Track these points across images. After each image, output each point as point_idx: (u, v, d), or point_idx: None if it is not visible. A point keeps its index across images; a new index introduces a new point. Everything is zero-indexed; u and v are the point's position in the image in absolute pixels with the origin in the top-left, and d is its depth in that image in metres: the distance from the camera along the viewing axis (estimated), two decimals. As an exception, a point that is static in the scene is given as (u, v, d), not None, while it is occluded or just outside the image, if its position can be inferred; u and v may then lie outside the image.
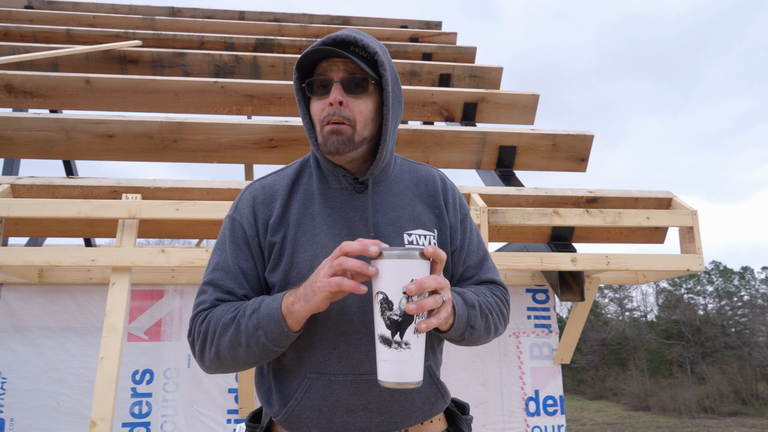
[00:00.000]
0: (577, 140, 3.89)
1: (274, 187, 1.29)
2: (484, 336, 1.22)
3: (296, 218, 1.23)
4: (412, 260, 0.98)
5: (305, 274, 1.15)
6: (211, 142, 3.57)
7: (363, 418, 1.16)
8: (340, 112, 1.17)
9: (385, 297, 0.98)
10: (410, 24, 7.32)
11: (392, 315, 0.97)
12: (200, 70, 5.00)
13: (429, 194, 1.33)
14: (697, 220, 3.00)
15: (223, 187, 2.86)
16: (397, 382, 0.97)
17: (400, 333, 0.97)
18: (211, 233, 3.06)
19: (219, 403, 3.18)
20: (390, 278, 0.98)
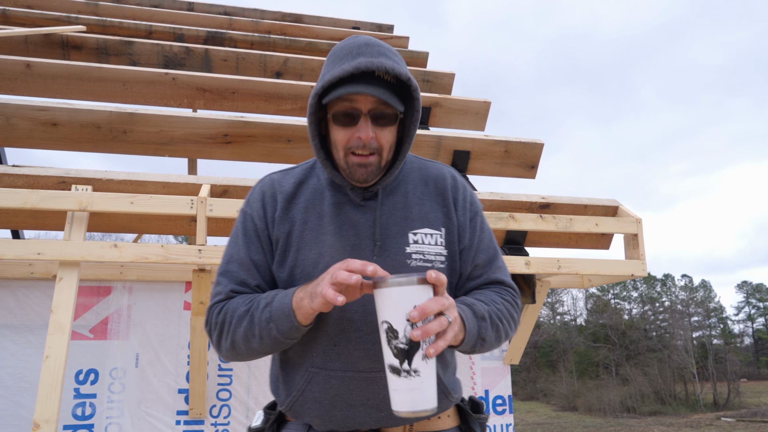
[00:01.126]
0: (528, 147, 4.01)
1: (282, 182, 1.31)
2: (495, 345, 1.23)
3: (303, 216, 1.25)
4: (411, 287, 0.97)
5: (310, 271, 1.19)
6: (163, 134, 3.46)
7: (362, 412, 1.18)
8: (370, 145, 1.19)
9: (390, 326, 0.97)
10: (362, 26, 7.33)
11: (398, 344, 0.96)
12: (148, 60, 4.82)
13: (438, 192, 1.33)
14: (642, 227, 3.17)
15: (179, 182, 2.77)
16: (411, 411, 0.96)
17: (408, 361, 0.96)
18: (166, 228, 2.96)
19: (168, 403, 3.07)
20: (392, 306, 0.97)
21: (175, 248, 2.61)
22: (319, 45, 5.79)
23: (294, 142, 3.67)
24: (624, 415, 39.78)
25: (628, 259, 3.17)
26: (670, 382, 48.15)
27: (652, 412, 40.99)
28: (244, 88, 4.21)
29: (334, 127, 1.21)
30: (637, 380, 46.95)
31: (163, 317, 3.19)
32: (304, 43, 5.77)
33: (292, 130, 3.60)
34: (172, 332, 3.19)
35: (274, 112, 4.24)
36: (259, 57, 4.88)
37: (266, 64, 4.91)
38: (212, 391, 3.17)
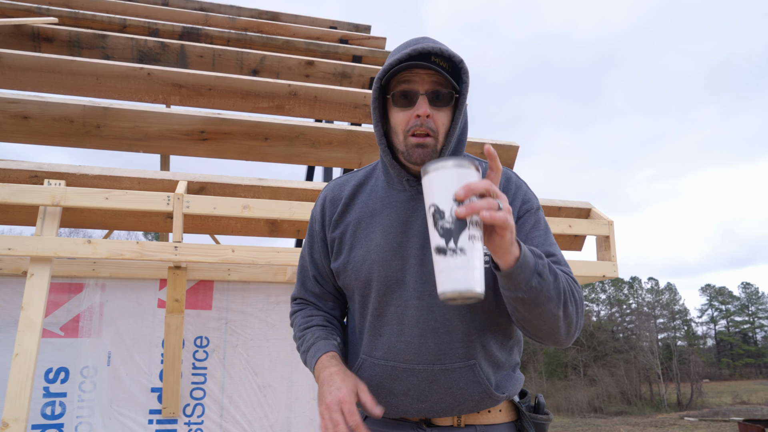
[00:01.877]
0: (503, 150, 4.07)
1: (343, 186, 1.41)
2: (554, 298, 1.09)
3: (357, 216, 1.34)
4: (459, 169, 0.96)
5: (359, 267, 1.29)
6: (138, 130, 3.41)
7: (404, 402, 1.24)
8: (427, 124, 1.21)
9: (437, 208, 0.97)
10: (339, 25, 7.33)
11: (444, 224, 0.96)
12: (122, 54, 4.75)
13: None
14: (613, 229, 3.24)
15: (155, 177, 2.74)
16: (455, 290, 0.94)
17: (453, 240, 0.95)
18: (141, 224, 2.92)
19: (140, 402, 3.03)
20: (441, 189, 0.97)
21: (151, 245, 2.58)
22: (296, 44, 5.77)
23: (271, 140, 3.65)
24: (591, 415, 40.48)
25: (600, 261, 3.24)
26: (636, 383, 49.18)
27: (618, 412, 41.79)
28: (221, 85, 4.18)
29: (394, 110, 1.25)
30: (604, 381, 47.84)
31: (136, 315, 3.15)
32: (281, 42, 5.75)
33: (269, 128, 3.59)
34: (145, 330, 3.14)
35: (251, 109, 4.21)
36: (236, 54, 4.85)
37: (243, 62, 4.88)
38: (186, 389, 3.13)
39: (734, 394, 47.62)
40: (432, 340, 1.21)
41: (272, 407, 3.25)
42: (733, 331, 75.64)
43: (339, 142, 3.79)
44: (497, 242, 0.99)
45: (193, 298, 3.24)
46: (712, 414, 35.27)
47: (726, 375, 68.57)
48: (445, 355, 1.21)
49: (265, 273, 3.31)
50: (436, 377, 1.21)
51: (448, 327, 1.22)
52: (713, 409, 39.92)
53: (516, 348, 1.35)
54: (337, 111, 4.47)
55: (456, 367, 1.21)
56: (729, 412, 35.50)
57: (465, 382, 1.22)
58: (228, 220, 3.19)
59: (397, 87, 1.24)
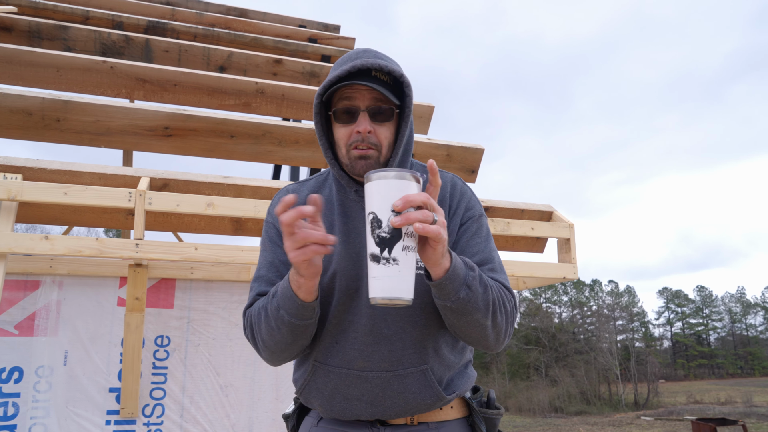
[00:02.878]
0: (469, 152, 4.12)
1: (298, 192, 1.41)
2: (482, 309, 1.14)
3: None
4: (400, 180, 1.00)
5: (321, 277, 1.25)
6: (100, 124, 3.34)
7: (358, 406, 1.26)
8: (368, 140, 1.24)
9: (375, 216, 1.00)
10: (309, 24, 7.30)
11: (381, 232, 0.99)
12: (85, 46, 4.64)
13: (440, 198, 1.35)
14: (574, 232, 3.32)
15: (117, 173, 2.69)
16: (384, 297, 0.99)
17: (388, 249, 0.99)
18: (101, 221, 2.86)
19: (98, 403, 2.97)
20: (380, 198, 1.00)
21: (111, 242, 2.53)
22: (264, 41, 5.73)
23: (237, 138, 3.62)
24: (552, 414, 41.21)
25: (560, 263, 3.31)
26: (595, 383, 50.31)
27: (578, 412, 42.67)
28: (187, 81, 4.12)
29: (336, 125, 1.28)
30: (564, 381, 48.77)
31: (95, 313, 3.08)
32: (249, 39, 5.70)
33: (235, 125, 3.55)
34: (104, 329, 3.08)
35: (217, 106, 4.17)
36: (203, 50, 4.79)
37: (209, 58, 4.83)
38: (145, 389, 3.08)
39: (688, 393, 49.16)
40: (385, 347, 1.24)
41: (234, 407, 3.22)
42: (688, 332, 78.10)
43: (306, 141, 3.78)
44: (429, 254, 1.03)
45: (155, 296, 3.18)
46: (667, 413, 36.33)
47: (681, 375, 70.73)
48: (399, 362, 1.24)
49: (229, 272, 3.28)
50: (389, 383, 1.24)
51: (402, 334, 1.25)
52: (668, 408, 41.13)
53: (467, 347, 1.38)
54: (304, 110, 4.45)
55: (408, 373, 1.24)
56: (683, 411, 36.63)
57: (417, 387, 1.25)
58: (191, 218, 3.15)
59: (338, 103, 1.27)
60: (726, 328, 79.37)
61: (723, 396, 45.23)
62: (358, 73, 1.25)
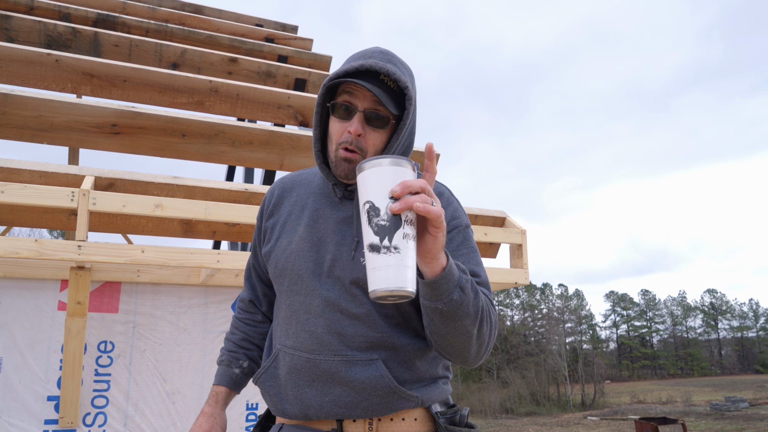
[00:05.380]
0: (424, 156, 4.13)
1: (286, 179, 1.47)
2: (471, 315, 1.11)
3: (289, 209, 1.39)
4: (396, 167, 0.96)
5: (280, 257, 1.33)
6: (43, 120, 3.19)
7: (309, 395, 1.23)
8: (357, 143, 1.23)
9: (372, 204, 0.96)
10: (266, 24, 7.20)
11: (379, 221, 0.95)
12: (28, 38, 4.43)
13: None
14: (526, 238, 3.37)
15: (59, 171, 2.58)
16: (387, 288, 0.93)
17: (388, 238, 0.94)
18: (42, 221, 2.73)
19: (35, 412, 2.82)
20: (376, 185, 0.96)
21: (52, 243, 2.42)
22: (219, 39, 5.62)
23: (189, 138, 3.52)
24: (503, 416, 41.90)
25: (513, 268, 3.36)
26: (545, 384, 51.47)
27: (527, 413, 43.53)
28: (137, 77, 3.98)
29: (332, 118, 1.27)
30: (515, 383, 49.71)
31: (33, 318, 2.93)
32: (204, 36, 5.58)
33: (187, 124, 3.46)
34: (43, 334, 2.93)
35: (169, 104, 4.05)
36: (155, 46, 4.65)
37: (162, 54, 4.69)
38: (87, 397, 2.95)
39: (632, 394, 50.87)
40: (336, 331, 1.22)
41: (181, 415, 3.12)
42: (632, 335, 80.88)
43: (260, 142, 3.71)
44: (429, 243, 0.99)
45: (98, 300, 3.06)
46: (612, 413, 37.47)
47: (625, 376, 73.14)
48: (348, 347, 1.21)
49: (178, 275, 3.19)
50: (337, 368, 1.20)
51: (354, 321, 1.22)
52: (613, 408, 42.42)
53: (440, 361, 1.32)
54: (260, 111, 4.38)
55: (358, 359, 1.20)
56: (627, 411, 37.86)
57: (366, 376, 1.19)
58: (139, 219, 3.05)
59: (339, 96, 1.26)
60: (668, 330, 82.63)
61: (664, 396, 47.00)
62: (367, 73, 1.23)
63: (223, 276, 3.18)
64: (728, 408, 32.39)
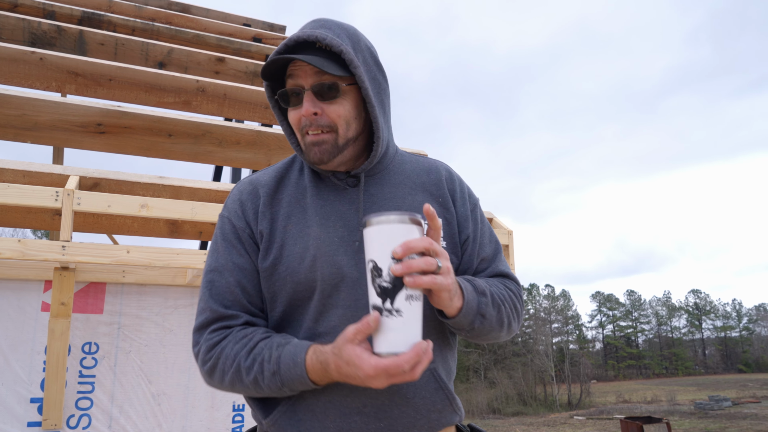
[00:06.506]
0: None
1: (260, 179, 1.22)
2: (496, 328, 1.12)
3: (286, 211, 1.17)
4: (401, 225, 0.92)
5: (295, 267, 1.10)
6: (27, 119, 3.16)
7: (358, 422, 1.06)
8: (318, 122, 1.11)
9: (375, 264, 0.93)
10: (253, 23, 7.18)
11: (382, 282, 0.92)
12: (12, 36, 4.38)
13: (432, 183, 1.25)
14: (513, 239, 3.39)
15: (43, 171, 2.55)
16: (389, 353, 0.91)
17: (390, 300, 0.91)
18: (25, 221, 2.71)
19: (17, 414, 2.79)
20: (378, 244, 0.93)
21: (35, 243, 2.39)
22: (207, 38, 5.59)
23: (175, 137, 3.50)
24: (490, 416, 42.06)
25: (499, 269, 3.37)
26: (532, 385, 51.74)
27: (515, 413, 43.74)
28: (123, 76, 3.95)
29: (288, 110, 1.16)
30: (503, 383, 49.94)
31: (16, 319, 2.90)
32: (191, 35, 5.55)
33: (173, 124, 3.44)
34: (26, 336, 2.90)
35: (155, 104, 4.02)
36: (141, 44, 4.62)
37: (148, 53, 4.65)
38: (71, 399, 2.92)
39: (618, 393, 51.29)
40: None
41: (167, 416, 3.10)
42: (618, 335, 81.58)
43: (247, 142, 3.70)
44: (436, 301, 0.97)
45: (83, 301, 3.03)
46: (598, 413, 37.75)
47: (611, 376, 73.75)
48: None
49: (164, 276, 3.17)
50: (398, 386, 1.05)
51: None
52: (599, 408, 42.75)
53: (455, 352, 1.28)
54: (247, 110, 4.36)
55: None
56: (613, 410, 38.17)
57: (428, 391, 1.10)
58: (124, 220, 3.03)
59: (287, 82, 1.15)
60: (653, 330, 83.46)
61: (649, 395, 47.44)
62: (302, 46, 1.11)
63: (209, 277, 3.16)
64: (712, 407, 32.78)
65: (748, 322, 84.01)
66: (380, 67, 1.20)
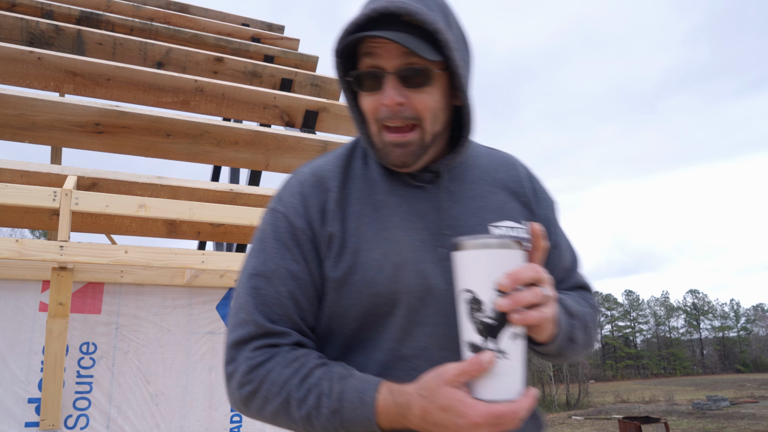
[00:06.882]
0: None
1: (324, 169, 1.03)
2: (579, 352, 1.02)
3: (357, 209, 0.99)
4: (505, 249, 0.81)
5: (373, 275, 0.93)
6: (24, 118, 3.15)
7: None
8: (401, 113, 0.94)
9: (473, 296, 0.81)
10: (252, 23, 7.17)
11: (482, 317, 0.80)
12: (10, 35, 4.38)
13: (512, 180, 1.10)
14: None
15: (41, 171, 2.55)
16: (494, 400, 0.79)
17: (493, 339, 0.79)
18: (23, 221, 2.70)
19: (15, 414, 2.79)
20: (479, 273, 0.81)
21: (33, 243, 2.39)
22: (205, 38, 5.59)
23: (173, 137, 3.50)
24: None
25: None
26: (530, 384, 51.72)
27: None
28: (121, 76, 3.95)
29: (361, 94, 0.98)
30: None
31: (14, 319, 2.89)
32: (190, 35, 5.54)
33: (171, 124, 3.44)
34: (24, 336, 2.90)
35: (153, 104, 4.02)
36: (140, 44, 4.61)
37: (147, 53, 4.65)
38: (68, 399, 2.92)
39: (616, 393, 51.36)
40: None
41: (164, 416, 3.10)
42: (616, 335, 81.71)
43: (246, 142, 3.70)
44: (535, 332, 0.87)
45: (81, 301, 3.03)
46: (596, 413, 37.78)
47: (609, 376, 73.86)
48: None
49: (162, 276, 3.17)
50: None
51: None
52: (597, 408, 42.78)
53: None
54: (245, 110, 4.36)
55: None
56: (611, 410, 38.21)
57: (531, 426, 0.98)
58: (122, 219, 3.03)
59: (361, 62, 0.96)
60: (651, 330, 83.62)
61: (647, 395, 47.51)
62: (384, 20, 0.91)
63: (207, 277, 3.17)
64: (710, 407, 32.83)
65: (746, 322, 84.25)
66: (468, 46, 1.02)
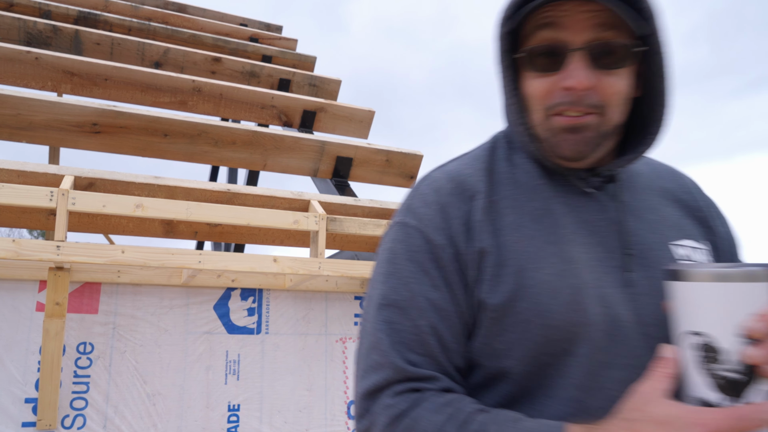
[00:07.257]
0: (408, 158, 4.15)
1: (463, 173, 0.83)
2: None
3: (512, 220, 0.78)
4: (751, 283, 0.61)
5: (547, 302, 0.73)
6: (21, 118, 3.15)
7: None
8: (585, 100, 0.74)
9: (708, 343, 0.62)
10: (250, 23, 7.18)
11: (722, 370, 0.61)
12: (7, 35, 4.38)
13: (682, 191, 0.91)
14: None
15: (38, 171, 2.55)
16: None
17: (736, 397, 0.61)
18: (20, 221, 2.70)
19: (12, 414, 2.78)
20: (714, 311, 0.62)
21: (30, 243, 2.39)
22: (203, 38, 5.59)
23: (171, 137, 3.50)
24: (487, 416, 42.12)
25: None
26: (529, 385, 51.92)
27: (511, 413, 43.81)
28: (119, 76, 3.95)
29: (528, 75, 0.79)
30: (499, 383, 50.02)
31: (10, 319, 2.89)
32: (188, 35, 5.55)
33: (169, 124, 3.44)
34: (21, 336, 2.89)
35: (151, 104, 4.02)
36: (137, 44, 4.62)
37: (144, 53, 4.66)
38: (65, 400, 2.92)
39: (615, 394, 51.42)
40: None
41: (162, 416, 3.10)
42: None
43: (243, 142, 3.70)
44: None
45: (78, 301, 3.03)
46: (595, 413, 37.87)
47: (608, 376, 73.99)
48: None
49: (159, 276, 3.17)
50: None
51: None
52: (596, 408, 42.89)
53: None
54: (243, 111, 4.37)
55: None
56: (610, 411, 38.29)
57: None
58: (119, 220, 3.03)
59: (533, 35, 0.77)
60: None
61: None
62: None
63: (205, 277, 3.17)
64: (708, 407, 32.93)
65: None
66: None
